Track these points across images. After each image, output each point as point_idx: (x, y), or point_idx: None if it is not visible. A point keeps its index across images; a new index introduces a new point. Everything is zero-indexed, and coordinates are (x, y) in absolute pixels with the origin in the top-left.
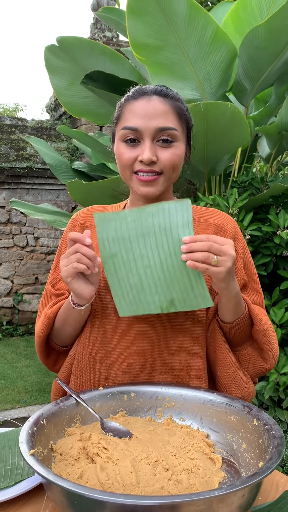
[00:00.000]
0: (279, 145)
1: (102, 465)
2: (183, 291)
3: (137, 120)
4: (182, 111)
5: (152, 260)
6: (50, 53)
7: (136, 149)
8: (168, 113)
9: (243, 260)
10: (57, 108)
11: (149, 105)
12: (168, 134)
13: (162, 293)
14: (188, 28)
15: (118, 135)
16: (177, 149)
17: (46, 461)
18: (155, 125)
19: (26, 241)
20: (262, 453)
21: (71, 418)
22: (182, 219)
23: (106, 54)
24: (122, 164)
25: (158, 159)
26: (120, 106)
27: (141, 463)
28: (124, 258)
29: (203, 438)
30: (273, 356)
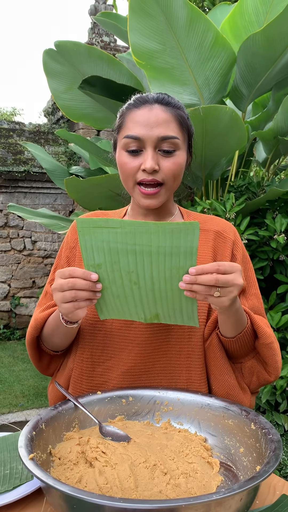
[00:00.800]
0: (275, 150)
1: (101, 469)
2: (170, 310)
3: (139, 129)
4: (183, 119)
5: (142, 279)
6: (48, 57)
7: (138, 159)
8: (170, 122)
9: (242, 265)
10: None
11: (151, 113)
12: (170, 143)
13: (148, 309)
14: (189, 32)
15: (120, 143)
16: (179, 158)
17: (45, 466)
18: (157, 134)
19: (23, 245)
20: (260, 457)
21: (69, 422)
22: (186, 245)
23: (103, 59)
24: (125, 174)
25: (160, 168)
26: (122, 114)
27: (140, 467)
28: (109, 270)
29: (201, 442)
30: (277, 369)
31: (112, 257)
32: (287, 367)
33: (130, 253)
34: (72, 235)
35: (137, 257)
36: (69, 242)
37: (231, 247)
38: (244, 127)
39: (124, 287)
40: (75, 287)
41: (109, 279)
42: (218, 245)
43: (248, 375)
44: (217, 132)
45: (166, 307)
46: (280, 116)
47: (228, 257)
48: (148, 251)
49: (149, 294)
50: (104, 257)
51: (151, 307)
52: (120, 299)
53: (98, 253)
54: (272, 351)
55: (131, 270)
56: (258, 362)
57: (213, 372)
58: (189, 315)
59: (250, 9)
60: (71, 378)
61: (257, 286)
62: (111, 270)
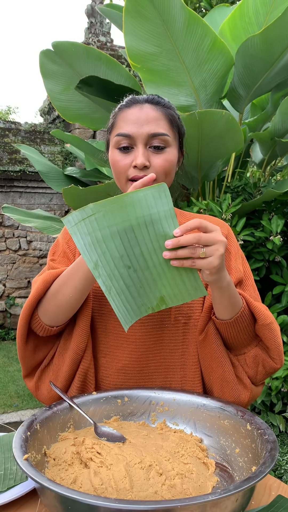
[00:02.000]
0: (271, 151)
1: (96, 470)
2: (173, 287)
3: (129, 126)
4: (173, 118)
5: (134, 259)
6: (45, 57)
7: (129, 156)
8: (160, 119)
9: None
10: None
11: (141, 112)
12: (160, 140)
13: (151, 292)
14: (186, 35)
15: (112, 142)
16: (169, 154)
17: (40, 466)
18: (147, 131)
19: (18, 245)
20: (255, 457)
21: (64, 422)
22: (162, 209)
23: (102, 59)
24: (117, 171)
25: (151, 165)
26: (114, 115)
27: (135, 468)
28: (104, 264)
29: (196, 443)
30: (280, 353)
31: (101, 247)
32: (282, 368)
33: (114, 235)
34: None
35: (121, 237)
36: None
37: None
38: (241, 130)
39: (122, 276)
40: None
41: (108, 276)
42: None
43: (254, 365)
44: (213, 136)
45: (168, 284)
46: (277, 118)
47: None
48: (130, 227)
49: (146, 274)
50: (96, 252)
51: (152, 289)
52: (125, 294)
53: (91, 250)
54: (273, 332)
55: (121, 254)
56: (261, 349)
57: (209, 364)
58: (193, 285)
59: (250, 11)
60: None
61: (252, 278)
62: (105, 264)
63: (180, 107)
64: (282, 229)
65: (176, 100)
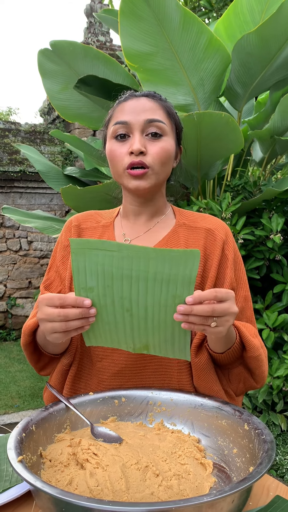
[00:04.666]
0: (271, 149)
1: (92, 471)
2: (161, 342)
3: (126, 115)
4: (170, 110)
5: (136, 306)
6: (43, 56)
7: (126, 144)
8: (156, 109)
9: (233, 266)
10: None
11: (138, 102)
12: (157, 127)
13: (138, 338)
14: (182, 34)
15: (109, 133)
16: (166, 143)
17: (35, 468)
18: (144, 118)
19: (19, 245)
20: (253, 457)
21: (61, 423)
22: (184, 273)
23: (100, 59)
24: (114, 160)
25: (147, 152)
26: (111, 110)
27: (131, 469)
28: (101, 294)
29: (194, 443)
30: (263, 378)
31: (106, 281)
32: (283, 367)
33: (125, 278)
34: (66, 234)
35: (132, 282)
36: (63, 241)
37: (221, 246)
38: (241, 132)
39: (116, 313)
40: (67, 318)
41: (100, 304)
42: (208, 244)
43: (235, 381)
44: (212, 137)
45: (157, 338)
46: (277, 116)
47: (217, 257)
48: (145, 277)
49: (141, 322)
50: (97, 281)
51: (141, 336)
52: (110, 326)
53: (92, 276)
54: (259, 362)
55: (124, 296)
56: (245, 369)
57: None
58: (181, 348)
59: (245, 9)
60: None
61: (247, 287)
62: (103, 295)
63: (179, 106)
64: (282, 227)
65: (174, 99)
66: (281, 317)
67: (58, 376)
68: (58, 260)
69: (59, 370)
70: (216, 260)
